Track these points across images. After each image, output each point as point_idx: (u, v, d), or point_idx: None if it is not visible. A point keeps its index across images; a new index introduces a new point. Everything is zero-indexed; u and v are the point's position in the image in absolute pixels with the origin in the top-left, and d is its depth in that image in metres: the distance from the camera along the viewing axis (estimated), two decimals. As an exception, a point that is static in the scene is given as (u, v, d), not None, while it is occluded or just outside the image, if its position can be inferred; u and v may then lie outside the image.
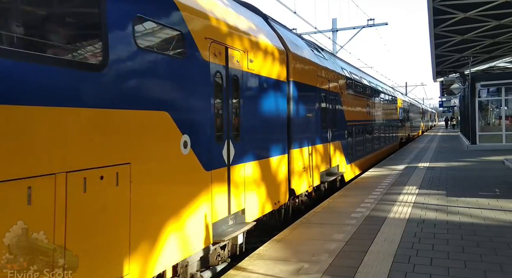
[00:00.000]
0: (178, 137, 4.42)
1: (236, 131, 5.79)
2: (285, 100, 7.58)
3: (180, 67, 4.52)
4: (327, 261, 5.23)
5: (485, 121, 23.32)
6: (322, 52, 11.30)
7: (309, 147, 8.67)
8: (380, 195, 9.52)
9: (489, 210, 7.75)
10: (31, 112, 2.84)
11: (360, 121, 14.06)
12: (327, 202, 9.08)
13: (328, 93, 10.25)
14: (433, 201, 8.67)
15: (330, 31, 25.02)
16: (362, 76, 16.31)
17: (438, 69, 28.46)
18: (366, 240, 6.03)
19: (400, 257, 5.29)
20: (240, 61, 5.93)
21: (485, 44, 22.00)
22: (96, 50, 3.60)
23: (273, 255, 5.59)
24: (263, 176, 6.56)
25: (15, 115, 2.75)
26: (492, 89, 22.46)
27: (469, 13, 16.51)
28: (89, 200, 3.23)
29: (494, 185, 10.37)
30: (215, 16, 5.38)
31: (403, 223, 6.93)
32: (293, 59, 7.93)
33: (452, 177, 12.09)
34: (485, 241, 5.84)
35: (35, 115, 2.87)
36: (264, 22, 7.81)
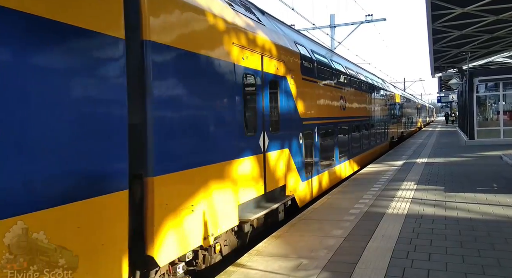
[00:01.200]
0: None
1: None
2: (125, 82, 3.81)
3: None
4: (326, 257, 5.25)
5: (483, 116, 23.36)
6: (257, 14, 7.70)
7: (207, 165, 5.11)
8: (379, 191, 9.55)
9: (487, 205, 7.78)
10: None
11: (327, 120, 10.56)
12: (326, 198, 9.10)
13: (261, 76, 6.75)
14: (431, 197, 8.70)
15: (328, 27, 24.99)
16: (334, 59, 12.56)
17: (436, 65, 28.45)
18: (365, 236, 6.06)
19: (398, 252, 5.31)
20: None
21: (483, 40, 21.97)
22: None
23: (272, 251, 5.61)
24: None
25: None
26: (490, 84, 22.49)
27: (467, 8, 16.47)
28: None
29: (492, 180, 10.41)
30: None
31: (401, 219, 6.96)
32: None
33: (450, 172, 12.12)
34: (483, 236, 5.86)
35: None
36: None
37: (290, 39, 8.76)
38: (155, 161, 4.17)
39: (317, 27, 23.03)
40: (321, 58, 10.62)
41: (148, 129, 4.14)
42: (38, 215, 2.95)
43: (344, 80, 12.67)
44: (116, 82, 3.73)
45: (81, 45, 3.43)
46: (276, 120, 7.44)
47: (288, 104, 7.92)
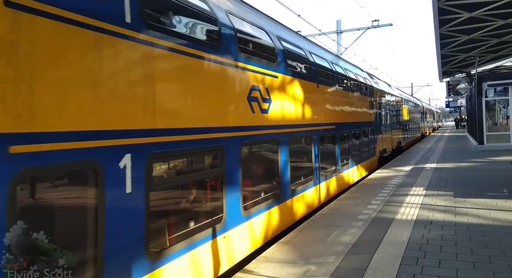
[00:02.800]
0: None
1: None
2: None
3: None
4: (334, 263, 5.22)
5: (492, 121, 23.13)
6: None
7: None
8: (387, 197, 9.48)
9: (498, 210, 7.68)
10: None
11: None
12: (333, 204, 9.06)
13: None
14: (441, 202, 8.61)
15: (335, 32, 25.01)
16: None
17: (444, 70, 28.33)
18: (373, 242, 6.01)
19: (408, 259, 5.26)
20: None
21: (491, 44, 21.86)
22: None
23: (280, 257, 5.59)
24: None
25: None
26: (499, 89, 22.27)
27: (475, 13, 16.41)
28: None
29: (503, 186, 10.27)
30: None
31: (410, 225, 6.89)
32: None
33: (460, 177, 12.00)
34: (493, 242, 5.79)
35: None
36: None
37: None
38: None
39: (323, 33, 23.07)
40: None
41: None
42: None
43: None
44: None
45: None
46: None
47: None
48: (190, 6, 5.18)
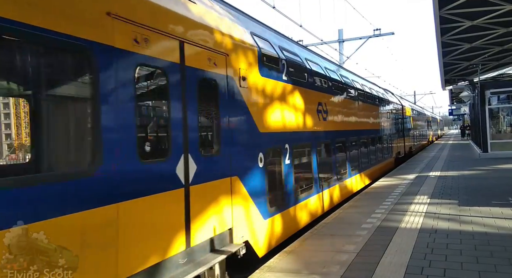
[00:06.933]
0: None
1: None
2: None
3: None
4: (339, 272, 5.18)
5: (496, 129, 23.06)
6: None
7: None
8: (391, 205, 9.43)
9: (503, 219, 7.62)
10: None
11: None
12: (337, 212, 9.02)
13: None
14: (445, 211, 8.56)
15: (337, 42, 25.15)
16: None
17: (447, 78, 28.36)
18: (378, 251, 5.96)
19: (412, 268, 5.21)
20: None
21: (494, 52, 21.91)
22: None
23: (284, 267, 5.56)
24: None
25: None
26: (502, 96, 22.26)
27: (476, 21, 16.50)
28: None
29: (507, 194, 10.20)
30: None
31: (415, 233, 6.85)
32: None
33: (464, 185, 11.93)
34: (499, 251, 5.73)
35: None
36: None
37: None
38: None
39: (325, 42, 23.20)
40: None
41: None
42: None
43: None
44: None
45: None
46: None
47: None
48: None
